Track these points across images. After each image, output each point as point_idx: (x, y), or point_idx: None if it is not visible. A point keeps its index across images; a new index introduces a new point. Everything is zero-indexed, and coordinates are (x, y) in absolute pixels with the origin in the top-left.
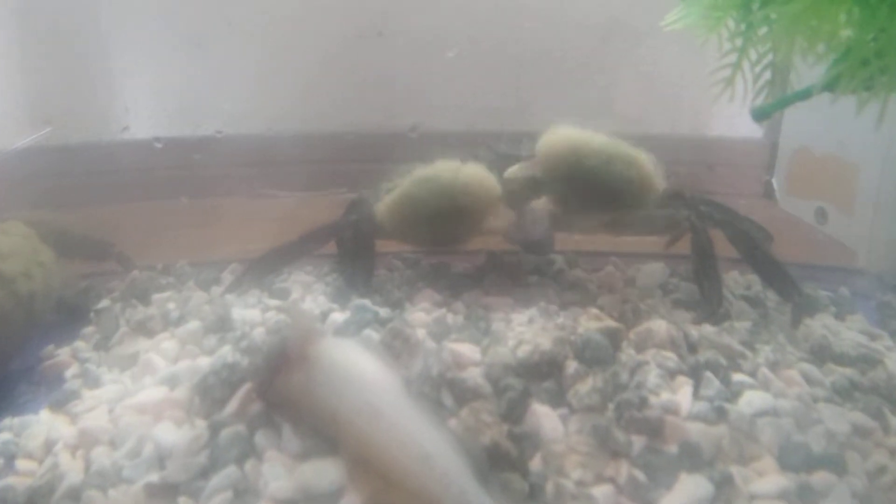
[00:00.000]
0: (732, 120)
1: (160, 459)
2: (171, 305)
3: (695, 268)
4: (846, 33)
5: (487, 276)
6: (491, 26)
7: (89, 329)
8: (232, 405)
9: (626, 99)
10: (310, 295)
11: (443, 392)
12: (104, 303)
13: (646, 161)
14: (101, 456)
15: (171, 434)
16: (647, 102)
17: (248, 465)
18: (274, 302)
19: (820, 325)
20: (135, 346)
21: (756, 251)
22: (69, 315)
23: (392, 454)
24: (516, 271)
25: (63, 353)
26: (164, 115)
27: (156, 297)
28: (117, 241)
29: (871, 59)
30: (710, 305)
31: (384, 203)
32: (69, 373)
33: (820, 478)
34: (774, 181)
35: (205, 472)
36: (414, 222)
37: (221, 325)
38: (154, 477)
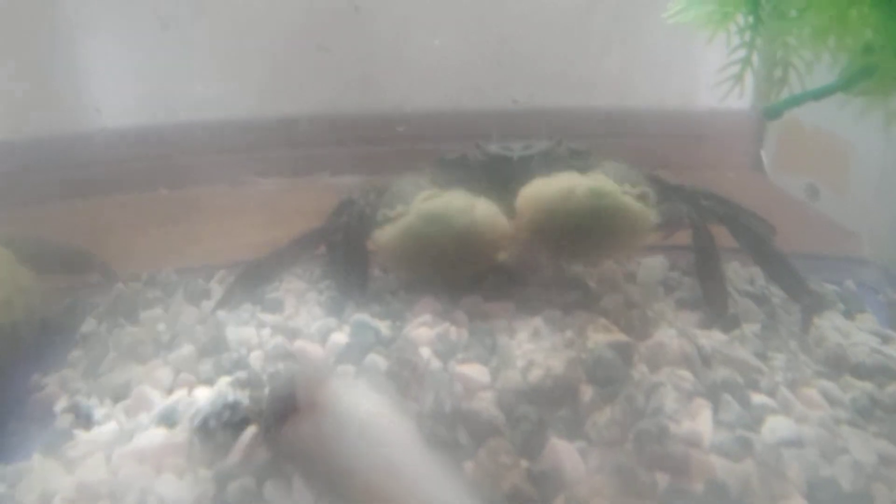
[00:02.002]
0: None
1: None
2: (162, 326)
3: (697, 268)
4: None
5: (486, 278)
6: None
7: (76, 353)
8: (236, 453)
9: (612, 72)
10: (304, 306)
11: (457, 428)
12: (90, 322)
13: (629, 199)
14: None
15: (175, 488)
16: (634, 75)
17: None
18: (268, 317)
19: (830, 325)
20: (126, 373)
21: (763, 248)
22: (55, 338)
23: None
24: (514, 270)
25: (51, 381)
26: (135, 103)
27: (144, 314)
28: (96, 243)
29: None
30: (715, 309)
31: (387, 234)
32: (58, 406)
33: None
34: (763, 154)
35: None
36: (419, 259)
37: (215, 347)
38: None
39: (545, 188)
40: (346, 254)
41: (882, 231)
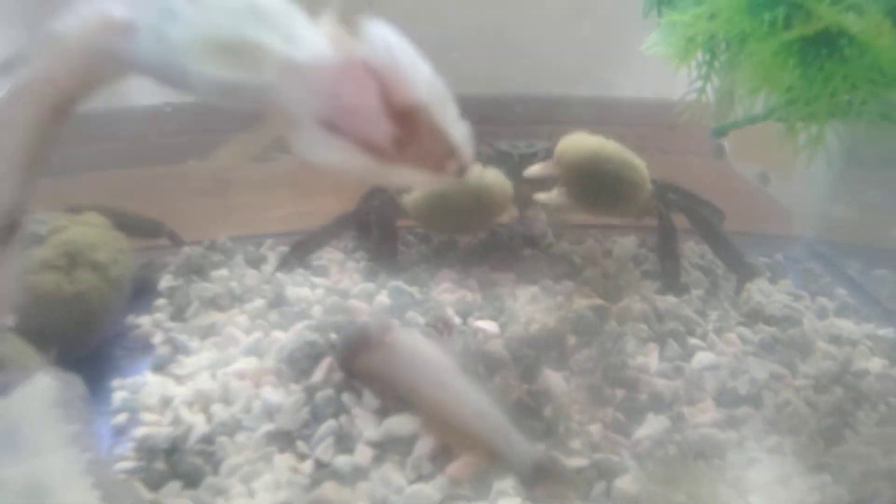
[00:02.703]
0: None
1: (269, 414)
2: (234, 284)
3: (659, 248)
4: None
5: (491, 252)
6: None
7: (160, 301)
8: (318, 374)
9: (597, 66)
10: (345, 273)
11: (478, 364)
12: (167, 278)
13: (644, 168)
14: (219, 411)
15: (274, 395)
16: (616, 69)
17: (342, 418)
18: (318, 280)
19: (757, 289)
20: (209, 318)
21: (711, 232)
22: (140, 289)
23: (457, 412)
24: (514, 246)
25: (144, 322)
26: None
27: (214, 273)
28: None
29: (805, 104)
30: (670, 279)
31: (415, 195)
32: (155, 340)
33: (743, 411)
34: (726, 144)
35: (308, 424)
36: (440, 215)
37: (280, 302)
38: (270, 426)
39: (584, 139)
40: (378, 232)
41: (807, 212)
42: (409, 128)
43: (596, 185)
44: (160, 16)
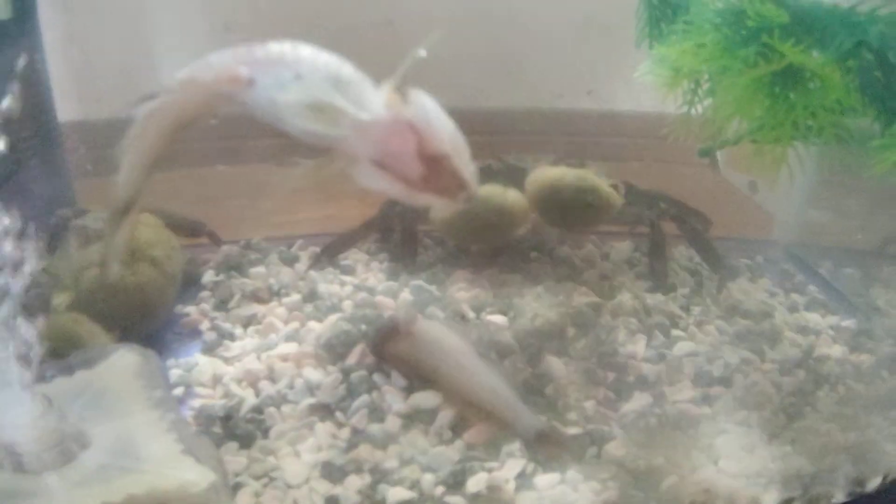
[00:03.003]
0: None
1: (311, 390)
2: (272, 280)
3: (650, 253)
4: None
5: (500, 255)
6: (488, 19)
7: (204, 293)
8: (352, 358)
9: (601, 81)
10: (370, 272)
11: (491, 350)
12: (209, 273)
13: (605, 186)
14: (266, 387)
15: (314, 375)
16: (618, 85)
17: (374, 394)
18: (347, 278)
19: (737, 288)
20: (250, 309)
21: (697, 237)
22: (186, 282)
23: (474, 388)
24: (521, 250)
25: (192, 311)
26: None
27: (252, 270)
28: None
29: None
30: (659, 280)
31: (443, 214)
32: (202, 327)
33: (715, 390)
34: (718, 154)
35: (345, 398)
36: (468, 230)
37: (313, 297)
38: (312, 400)
39: (545, 172)
40: (401, 236)
41: (787, 218)
42: (434, 169)
43: (557, 208)
44: (273, 83)
